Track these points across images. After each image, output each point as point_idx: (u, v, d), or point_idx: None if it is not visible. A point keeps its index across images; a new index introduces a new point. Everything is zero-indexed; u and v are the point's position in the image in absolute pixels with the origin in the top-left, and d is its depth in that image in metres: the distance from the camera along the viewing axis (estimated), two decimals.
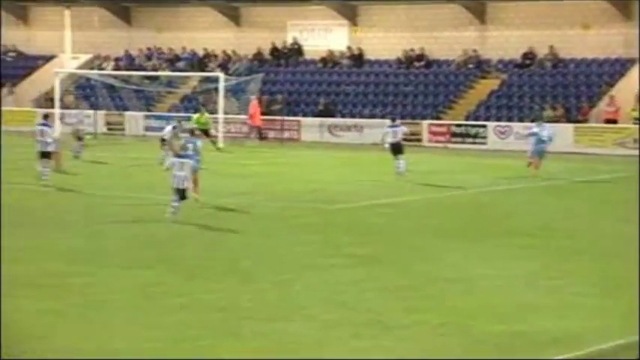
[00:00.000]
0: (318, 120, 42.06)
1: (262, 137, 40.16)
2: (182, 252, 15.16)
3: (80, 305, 11.51)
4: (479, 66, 43.53)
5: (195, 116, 35.95)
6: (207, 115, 36.52)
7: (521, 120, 38.81)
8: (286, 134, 41.37)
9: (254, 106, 40.22)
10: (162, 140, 28.59)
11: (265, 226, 17.96)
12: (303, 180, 26.68)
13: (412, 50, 44.83)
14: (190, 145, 20.97)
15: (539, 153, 27.14)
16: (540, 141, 27.20)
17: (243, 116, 41.21)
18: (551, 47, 41.47)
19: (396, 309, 11.58)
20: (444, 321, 11.04)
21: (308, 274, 13.52)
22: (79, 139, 31.83)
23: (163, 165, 23.07)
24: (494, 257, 15.06)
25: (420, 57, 44.68)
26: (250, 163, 31.47)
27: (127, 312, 11.29)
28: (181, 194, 18.57)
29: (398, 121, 28.87)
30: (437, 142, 39.36)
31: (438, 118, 41.35)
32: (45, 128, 25.36)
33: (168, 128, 28.59)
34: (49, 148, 24.86)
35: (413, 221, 19.21)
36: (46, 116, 27.28)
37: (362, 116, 42.43)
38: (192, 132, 23.24)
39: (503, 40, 42.78)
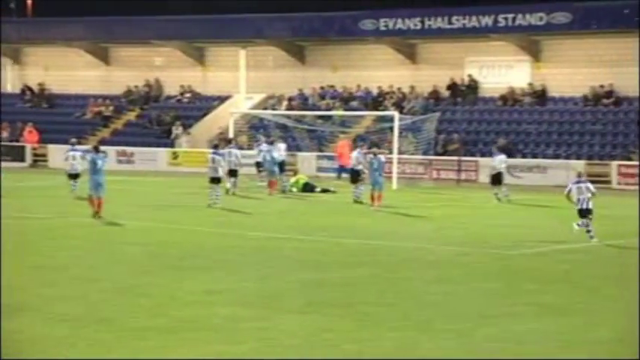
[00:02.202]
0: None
1: (339, 177, 39.92)
2: (356, 297, 15.27)
3: (255, 350, 11.77)
4: None
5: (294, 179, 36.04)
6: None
7: None
8: (463, 175, 41.15)
9: (343, 145, 40.00)
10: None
11: (443, 272, 17.89)
12: (482, 224, 26.44)
13: (600, 87, 43.88)
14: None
15: None
16: None
17: (419, 156, 41.33)
18: None
19: None
20: None
21: (488, 323, 13.36)
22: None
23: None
24: None
25: (609, 94, 43.64)
26: (425, 206, 31.46)
27: (302, 358, 11.48)
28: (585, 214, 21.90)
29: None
30: (627, 184, 38.21)
31: (629, 159, 40.18)
32: (216, 157, 30.19)
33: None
34: (219, 174, 29.59)
35: (600, 269, 18.70)
36: (216, 146, 33.00)
37: (545, 156, 41.77)
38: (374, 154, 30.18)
39: None
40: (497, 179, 33.14)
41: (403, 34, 46.99)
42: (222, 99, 52.06)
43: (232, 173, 34.22)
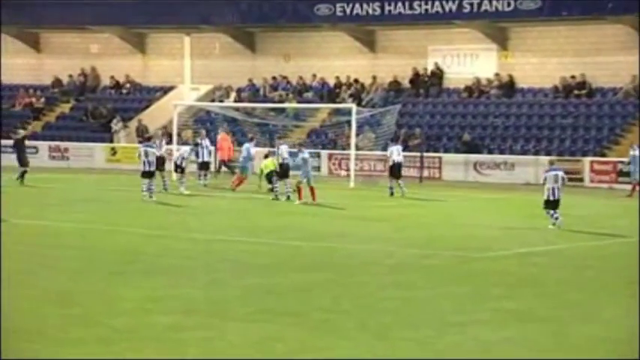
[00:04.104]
0: (462, 156, 41.98)
1: (218, 171, 40.27)
2: (308, 304, 15.29)
3: None
4: None
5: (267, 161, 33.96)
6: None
7: None
8: (426, 172, 41.38)
9: (223, 138, 40.14)
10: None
11: (403, 277, 17.96)
12: (446, 224, 26.60)
13: (572, 77, 44.35)
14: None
15: None
16: None
17: (378, 152, 41.51)
18: None
19: None
20: None
21: (452, 331, 13.43)
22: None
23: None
24: None
25: (581, 85, 44.12)
26: (385, 205, 31.58)
27: None
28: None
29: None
30: (600, 182, 38.66)
31: (602, 155, 40.68)
32: (149, 149, 30.55)
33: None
34: (152, 168, 30.24)
35: (569, 272, 18.90)
36: (149, 138, 34.32)
37: (512, 152, 42.13)
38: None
39: None
40: (396, 172, 33.80)
41: (361, 21, 47.13)
42: (164, 90, 51.86)
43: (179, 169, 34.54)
